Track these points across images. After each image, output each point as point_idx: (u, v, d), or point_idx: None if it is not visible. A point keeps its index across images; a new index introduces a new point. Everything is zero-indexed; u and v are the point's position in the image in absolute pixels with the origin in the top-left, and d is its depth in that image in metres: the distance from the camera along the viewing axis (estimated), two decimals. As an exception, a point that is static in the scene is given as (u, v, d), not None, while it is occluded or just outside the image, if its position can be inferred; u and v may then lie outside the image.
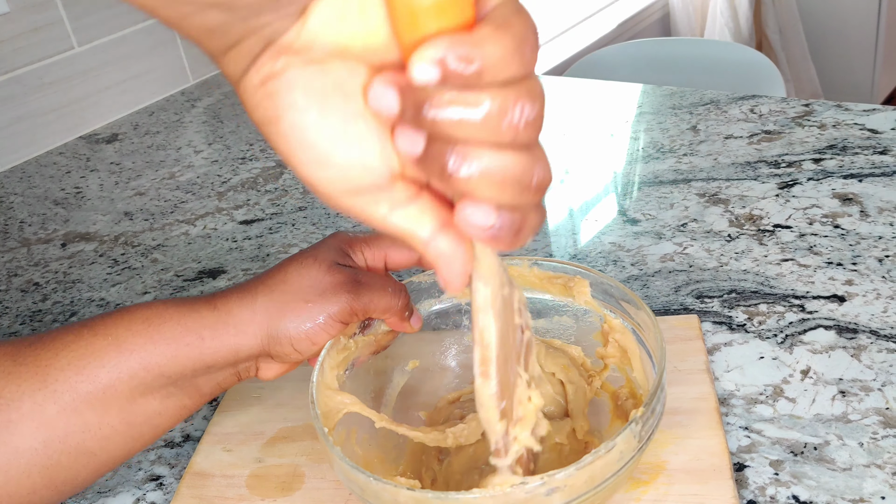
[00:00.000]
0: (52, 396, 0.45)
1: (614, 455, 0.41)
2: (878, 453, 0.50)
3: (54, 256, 0.89)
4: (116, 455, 0.48)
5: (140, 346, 0.46)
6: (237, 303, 0.49)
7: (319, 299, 0.49)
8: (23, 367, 0.46)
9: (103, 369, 0.46)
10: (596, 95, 1.09)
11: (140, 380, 0.47)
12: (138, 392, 0.47)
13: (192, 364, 0.47)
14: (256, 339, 0.48)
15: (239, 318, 0.48)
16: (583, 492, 0.41)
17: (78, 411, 0.46)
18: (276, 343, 0.48)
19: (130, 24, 1.23)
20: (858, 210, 0.73)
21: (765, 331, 0.61)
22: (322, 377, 0.50)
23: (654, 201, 0.80)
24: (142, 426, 0.48)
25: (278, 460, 0.55)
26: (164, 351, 0.47)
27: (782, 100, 0.96)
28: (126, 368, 0.46)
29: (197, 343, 0.47)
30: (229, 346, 0.48)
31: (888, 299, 0.62)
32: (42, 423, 0.45)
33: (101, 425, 0.46)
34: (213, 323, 0.48)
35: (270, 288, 0.49)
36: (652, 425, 0.44)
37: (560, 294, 0.55)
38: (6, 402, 0.44)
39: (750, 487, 0.49)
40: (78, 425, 0.46)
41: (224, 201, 0.95)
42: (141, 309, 0.48)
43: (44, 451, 0.45)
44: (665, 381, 0.45)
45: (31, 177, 1.09)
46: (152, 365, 0.47)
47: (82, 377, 0.46)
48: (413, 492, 0.40)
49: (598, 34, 2.29)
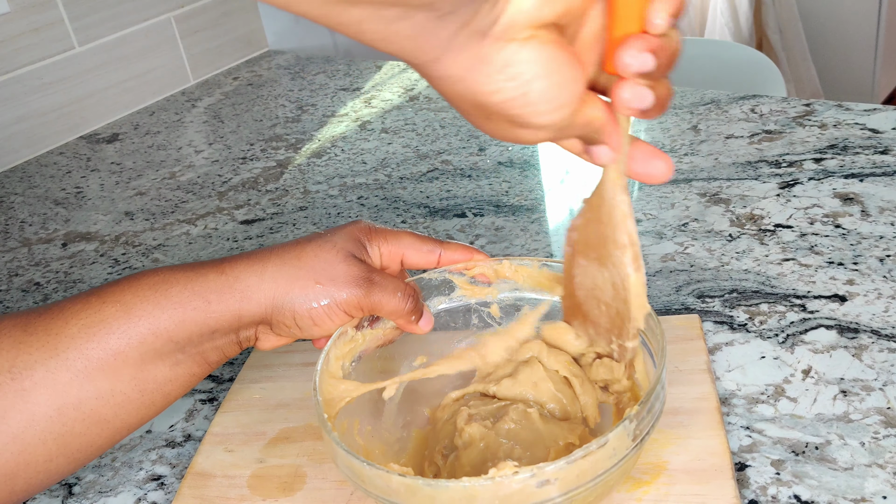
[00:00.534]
0: (64, 364, 0.46)
1: (607, 451, 0.41)
2: (880, 453, 0.50)
3: (55, 256, 0.89)
4: (130, 422, 0.49)
5: (148, 312, 0.47)
6: (246, 268, 0.49)
7: (330, 284, 0.49)
8: (33, 336, 0.46)
9: (113, 335, 0.47)
10: (596, 95, 1.09)
11: (149, 345, 0.47)
12: (148, 358, 0.47)
13: (198, 328, 0.48)
14: (260, 306, 0.49)
15: (245, 284, 0.49)
16: (574, 486, 0.41)
17: (90, 378, 0.46)
18: (279, 313, 0.49)
19: (131, 24, 1.23)
20: (859, 210, 0.73)
21: (766, 330, 0.61)
22: (327, 366, 0.50)
23: (655, 201, 0.80)
24: (153, 393, 0.48)
25: (280, 461, 0.55)
26: (171, 315, 0.47)
27: (783, 99, 0.96)
28: (135, 334, 0.47)
29: (203, 307, 0.48)
30: (233, 310, 0.48)
31: (889, 299, 0.62)
32: (55, 390, 0.45)
33: (113, 392, 0.47)
34: (220, 287, 0.48)
35: (283, 260, 0.50)
36: (648, 424, 0.44)
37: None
38: (19, 371, 0.45)
39: (751, 487, 0.49)
40: (91, 392, 0.46)
41: (225, 201, 0.95)
42: (148, 275, 0.49)
43: (58, 418, 0.46)
44: (664, 380, 0.45)
45: (31, 177, 1.09)
46: (161, 330, 0.47)
47: (93, 344, 0.46)
48: (404, 478, 0.41)
49: (598, 34, 2.29)
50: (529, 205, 0.84)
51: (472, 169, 0.93)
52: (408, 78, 1.24)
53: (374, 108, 1.15)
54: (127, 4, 1.22)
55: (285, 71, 1.35)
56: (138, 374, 0.47)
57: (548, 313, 0.56)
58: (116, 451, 0.60)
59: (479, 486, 0.40)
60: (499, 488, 0.40)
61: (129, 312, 0.47)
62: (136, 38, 1.24)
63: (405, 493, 0.41)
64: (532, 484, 0.40)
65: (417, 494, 0.41)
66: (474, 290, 0.57)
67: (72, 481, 0.58)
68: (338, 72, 1.31)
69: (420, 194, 0.89)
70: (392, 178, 0.94)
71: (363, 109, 1.15)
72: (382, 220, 0.85)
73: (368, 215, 0.87)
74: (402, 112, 1.12)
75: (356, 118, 1.13)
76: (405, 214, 0.86)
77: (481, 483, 0.40)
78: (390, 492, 0.42)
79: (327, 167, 0.99)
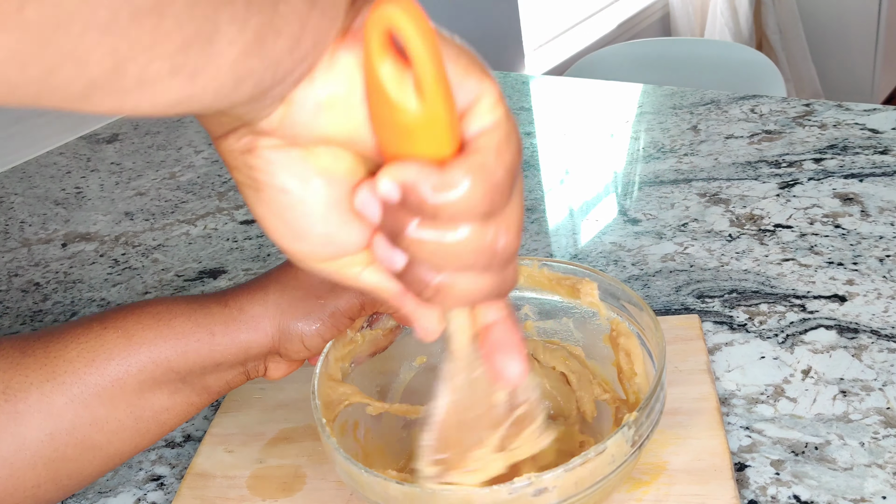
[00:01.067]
0: (59, 388, 0.45)
1: (605, 458, 0.41)
2: (880, 453, 0.50)
3: (55, 256, 0.89)
4: (123, 450, 0.48)
5: (149, 341, 0.46)
6: (248, 300, 0.49)
7: (330, 295, 0.49)
8: (31, 357, 0.46)
9: (112, 362, 0.46)
10: (596, 95, 1.09)
11: (149, 374, 0.47)
12: (147, 386, 0.47)
13: (201, 360, 0.47)
14: (268, 336, 0.48)
15: (250, 315, 0.48)
16: (572, 493, 0.41)
17: (86, 404, 0.46)
18: (287, 340, 0.48)
19: (131, 25, 1.23)
20: (859, 210, 0.73)
21: (766, 331, 0.61)
22: (326, 368, 0.50)
23: (655, 201, 0.80)
24: (149, 421, 0.48)
25: (279, 461, 0.55)
26: (173, 346, 0.47)
27: (783, 100, 0.96)
28: (135, 362, 0.46)
29: (207, 339, 0.47)
30: (240, 342, 0.48)
31: (889, 299, 0.62)
32: (49, 414, 0.45)
33: (108, 419, 0.46)
34: (225, 319, 0.48)
35: (283, 285, 0.49)
36: (648, 429, 0.44)
37: (568, 296, 0.55)
38: (13, 393, 0.44)
39: (751, 487, 0.49)
40: (86, 418, 0.46)
41: (225, 201, 0.95)
42: (152, 304, 0.48)
43: (50, 443, 0.45)
44: (664, 382, 0.45)
45: (31, 177, 1.09)
46: (161, 360, 0.47)
47: (91, 369, 0.46)
48: (402, 485, 0.41)
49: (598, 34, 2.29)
50: (529, 205, 0.84)
51: (471, 169, 0.93)
52: (408, 78, 1.24)
53: (373, 108, 1.15)
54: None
55: (285, 71, 1.35)
56: (136, 401, 0.47)
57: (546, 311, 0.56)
58: (116, 452, 0.60)
59: (476, 494, 0.40)
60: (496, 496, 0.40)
61: (129, 340, 0.46)
62: (136, 38, 1.24)
63: (403, 500, 0.41)
64: (529, 492, 0.40)
65: (415, 501, 0.41)
66: None
67: (71, 481, 0.58)
68: (338, 72, 1.31)
69: (420, 194, 0.89)
70: (392, 178, 0.94)
71: (363, 110, 1.15)
72: (382, 220, 0.85)
73: (368, 215, 0.87)
74: (401, 112, 1.12)
75: (356, 118, 1.13)
76: (405, 215, 0.85)
77: (478, 491, 0.40)
78: (388, 498, 0.42)
79: (327, 167, 0.99)
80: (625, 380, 0.52)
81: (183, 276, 0.81)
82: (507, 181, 0.30)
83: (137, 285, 0.81)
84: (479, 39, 1.82)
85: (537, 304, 0.57)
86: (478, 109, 0.29)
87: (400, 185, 0.29)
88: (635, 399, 0.51)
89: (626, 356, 0.52)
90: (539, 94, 1.14)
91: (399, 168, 0.29)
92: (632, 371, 0.51)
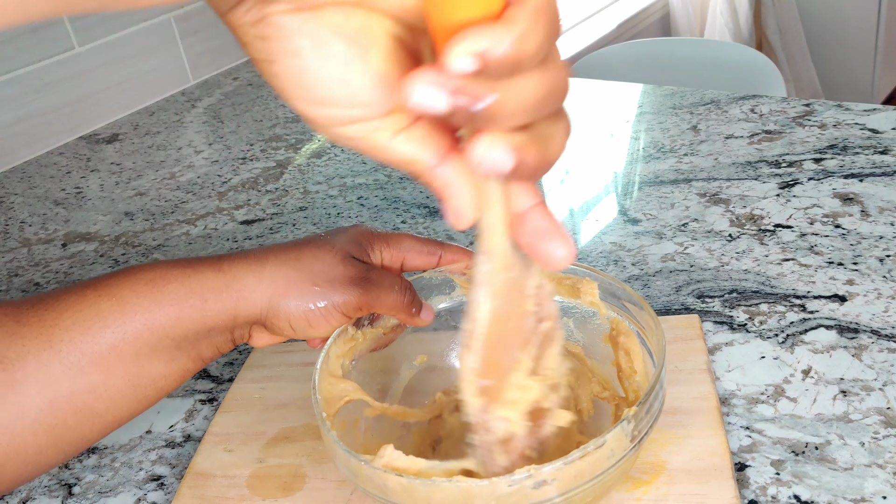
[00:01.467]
0: (57, 356, 0.45)
1: (604, 452, 0.41)
2: (880, 453, 0.50)
3: (55, 256, 0.89)
4: (121, 416, 0.48)
5: (144, 308, 0.47)
6: (244, 267, 0.49)
7: (327, 286, 0.49)
8: (26, 327, 0.46)
9: (107, 330, 0.46)
10: (596, 95, 1.09)
11: (144, 341, 0.47)
12: (143, 353, 0.47)
13: (194, 326, 0.48)
14: (256, 307, 0.48)
15: (243, 284, 0.48)
16: (571, 487, 0.41)
17: (83, 371, 0.46)
18: (274, 316, 0.49)
19: (131, 25, 1.23)
20: (859, 210, 0.73)
21: (766, 330, 0.61)
22: (326, 365, 0.50)
23: (655, 201, 0.80)
24: (146, 388, 0.48)
25: (279, 461, 0.55)
26: (167, 312, 0.47)
27: (783, 100, 0.96)
28: (131, 329, 0.46)
29: (200, 305, 0.48)
30: (230, 309, 0.48)
31: (889, 299, 0.62)
32: (47, 382, 0.45)
33: (106, 386, 0.47)
34: (217, 285, 0.48)
35: (281, 261, 0.49)
36: (647, 424, 0.44)
37: (568, 295, 0.55)
38: (10, 363, 0.45)
39: (751, 487, 0.49)
40: (83, 385, 0.46)
41: (224, 201, 0.95)
42: (145, 270, 0.48)
43: (49, 410, 0.45)
44: (664, 379, 0.45)
45: (31, 177, 1.09)
46: (157, 326, 0.47)
47: (87, 337, 0.46)
48: (401, 478, 0.41)
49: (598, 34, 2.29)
50: (529, 205, 0.84)
51: (471, 169, 0.93)
52: (408, 78, 1.24)
53: (373, 108, 1.15)
54: (127, 5, 1.22)
55: (285, 71, 1.35)
56: (132, 368, 0.47)
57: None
58: (116, 452, 0.60)
59: (475, 486, 0.40)
60: (495, 488, 0.40)
61: (124, 307, 0.47)
62: (136, 38, 1.24)
63: (402, 493, 0.41)
64: (528, 485, 0.40)
65: (414, 494, 0.41)
66: None
67: (71, 482, 0.58)
68: (338, 72, 1.31)
69: (420, 194, 0.89)
70: (392, 178, 0.94)
71: (363, 109, 1.15)
72: (382, 220, 0.85)
73: (368, 215, 0.87)
74: (401, 112, 1.12)
75: (356, 118, 1.13)
76: (405, 215, 0.86)
77: (478, 483, 0.40)
78: (388, 491, 0.42)
79: (327, 167, 0.99)
80: (624, 378, 0.52)
81: (183, 276, 0.81)
82: (558, 13, 0.28)
83: (137, 285, 0.81)
84: (479, 39, 1.81)
85: None
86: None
87: (477, 55, 0.26)
88: (634, 397, 0.51)
89: (626, 355, 0.52)
90: (539, 94, 1.14)
91: (472, 37, 0.26)
92: (631, 369, 0.51)
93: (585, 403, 0.53)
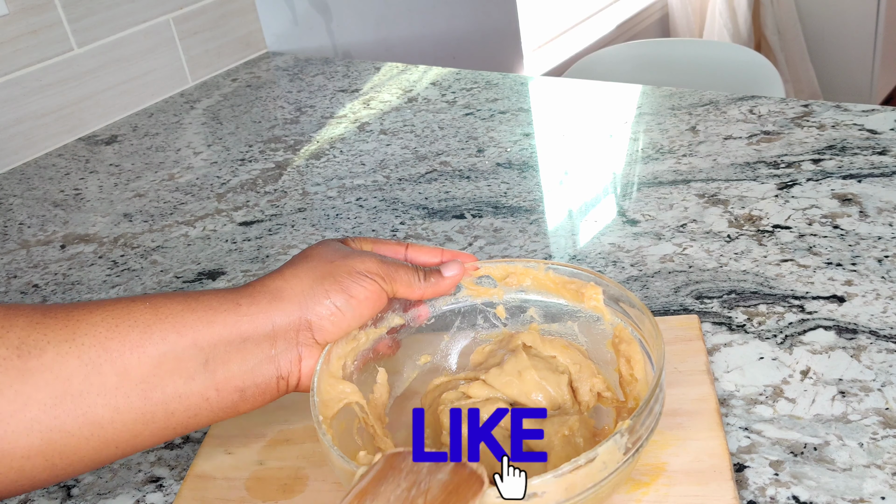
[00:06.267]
0: (77, 349, 0.44)
1: (597, 465, 0.41)
2: (878, 453, 0.50)
3: (53, 258, 0.89)
4: (120, 436, 0.46)
5: (177, 313, 0.47)
6: (265, 281, 0.51)
7: (349, 258, 0.51)
8: (52, 319, 0.45)
9: (136, 329, 0.46)
10: (595, 96, 1.10)
11: (171, 345, 0.46)
12: (166, 360, 0.46)
13: (227, 332, 0.47)
14: (293, 302, 0.49)
15: (273, 287, 0.50)
16: (563, 499, 0.41)
17: (100, 370, 0.45)
18: (314, 301, 0.49)
19: (130, 26, 1.23)
20: (858, 210, 0.73)
21: (764, 331, 0.61)
22: (327, 365, 0.50)
23: (654, 202, 0.80)
24: (157, 405, 0.46)
25: (279, 463, 0.55)
26: (200, 316, 0.47)
27: (781, 100, 0.96)
28: (158, 330, 0.46)
29: (233, 308, 0.48)
30: (264, 311, 0.48)
31: (887, 299, 0.62)
32: (59, 376, 0.44)
33: (117, 392, 0.45)
34: (248, 291, 0.49)
35: (293, 264, 0.51)
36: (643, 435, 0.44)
37: (573, 300, 0.55)
38: (28, 349, 0.43)
39: (750, 488, 0.49)
40: (96, 385, 0.44)
41: (223, 203, 0.95)
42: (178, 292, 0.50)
43: (52, 408, 0.44)
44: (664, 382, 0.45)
45: (30, 178, 1.09)
46: (186, 330, 0.46)
47: (113, 334, 0.45)
48: None
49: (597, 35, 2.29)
50: (528, 206, 0.84)
51: (470, 170, 0.93)
52: (406, 79, 1.24)
53: (372, 109, 1.15)
54: (125, 6, 1.22)
55: (284, 72, 1.35)
56: (150, 378, 0.46)
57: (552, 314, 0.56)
58: (115, 453, 0.60)
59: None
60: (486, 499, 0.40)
61: (157, 310, 0.47)
62: (135, 39, 1.24)
63: None
64: None
65: None
66: (480, 291, 0.57)
67: (70, 483, 0.58)
68: (336, 73, 1.31)
69: (419, 196, 0.89)
70: (391, 179, 0.94)
71: (362, 111, 1.15)
72: (381, 221, 0.85)
73: (367, 217, 0.87)
74: (400, 113, 1.12)
75: (355, 120, 1.13)
76: (404, 216, 0.86)
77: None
78: None
79: (326, 169, 0.99)
80: (625, 385, 0.52)
81: (182, 278, 0.81)
82: None
83: (136, 287, 0.81)
84: (479, 40, 1.82)
85: (542, 307, 0.57)
86: None
87: None
88: (635, 404, 0.51)
89: (627, 362, 0.52)
90: (538, 94, 1.14)
91: None
92: (632, 377, 0.51)
93: (585, 395, 0.53)
